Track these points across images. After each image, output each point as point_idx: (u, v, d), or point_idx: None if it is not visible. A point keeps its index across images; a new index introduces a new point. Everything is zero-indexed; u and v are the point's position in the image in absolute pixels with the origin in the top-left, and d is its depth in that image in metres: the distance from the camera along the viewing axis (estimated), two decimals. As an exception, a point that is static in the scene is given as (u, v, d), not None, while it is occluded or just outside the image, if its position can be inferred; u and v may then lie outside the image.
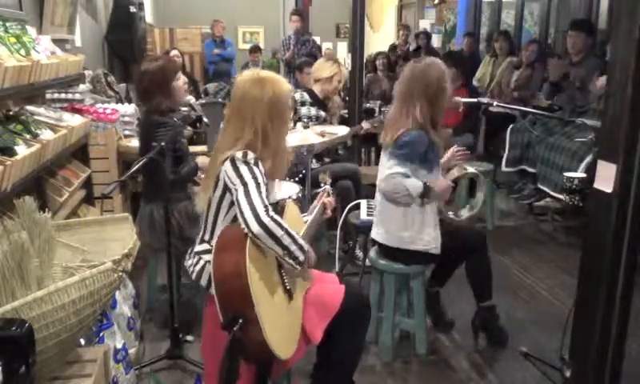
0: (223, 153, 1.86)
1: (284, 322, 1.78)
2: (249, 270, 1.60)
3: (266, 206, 1.70)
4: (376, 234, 2.66)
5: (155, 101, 2.80)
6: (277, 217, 1.70)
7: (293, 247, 1.73)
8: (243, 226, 1.68)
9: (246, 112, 1.87)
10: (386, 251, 2.63)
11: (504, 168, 4.98)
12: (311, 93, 3.94)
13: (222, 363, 1.53)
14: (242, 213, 1.69)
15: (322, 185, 2.30)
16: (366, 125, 3.91)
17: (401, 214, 2.52)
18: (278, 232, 1.68)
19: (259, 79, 1.90)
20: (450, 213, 2.67)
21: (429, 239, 2.53)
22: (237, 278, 1.60)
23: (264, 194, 1.74)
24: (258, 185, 1.75)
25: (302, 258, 1.76)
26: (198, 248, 1.97)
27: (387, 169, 2.47)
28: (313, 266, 1.96)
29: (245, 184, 1.75)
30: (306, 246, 1.79)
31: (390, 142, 2.52)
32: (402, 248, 2.56)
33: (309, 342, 1.91)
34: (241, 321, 1.56)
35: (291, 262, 1.75)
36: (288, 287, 1.82)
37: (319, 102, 3.94)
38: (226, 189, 1.84)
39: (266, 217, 1.67)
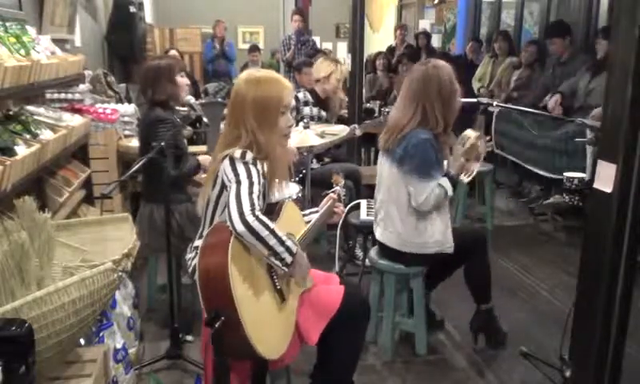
0: (223, 151, 1.86)
1: (272, 322, 1.76)
2: (230, 268, 1.60)
3: (252, 205, 1.68)
4: (381, 235, 2.63)
5: (161, 88, 2.82)
6: (263, 217, 1.69)
7: (279, 248, 1.71)
8: (228, 223, 1.67)
9: (237, 112, 1.88)
10: (390, 252, 2.61)
11: (495, 150, 5.04)
12: (313, 93, 3.94)
13: (205, 361, 1.53)
14: (229, 211, 1.69)
15: (335, 186, 2.23)
16: (358, 132, 3.90)
17: (414, 223, 2.50)
18: (263, 232, 1.67)
19: (249, 79, 1.90)
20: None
21: (441, 239, 2.51)
22: (218, 276, 1.60)
23: (255, 194, 1.73)
24: (251, 184, 1.74)
25: (288, 259, 1.74)
26: (196, 243, 1.98)
27: (423, 189, 2.42)
28: (305, 272, 1.91)
29: (238, 183, 1.75)
30: (295, 248, 1.76)
31: (393, 143, 2.49)
32: (412, 252, 2.54)
33: (304, 342, 1.91)
34: (223, 318, 1.56)
35: (277, 263, 1.73)
36: (279, 287, 1.81)
37: (321, 102, 3.95)
38: (224, 186, 1.85)
39: (251, 216, 1.66)
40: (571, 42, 5.00)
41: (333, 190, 2.22)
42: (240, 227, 1.65)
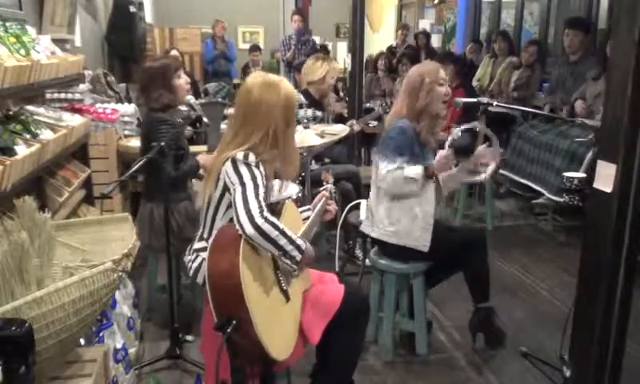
0: (226, 153, 1.86)
1: (280, 323, 1.77)
2: (242, 270, 1.59)
3: (261, 208, 1.69)
4: (364, 225, 2.73)
5: (156, 95, 2.79)
6: (272, 218, 1.70)
7: (289, 247, 1.72)
8: (237, 227, 1.67)
9: (262, 116, 1.86)
10: (378, 244, 2.68)
11: (501, 171, 5.01)
12: (306, 94, 3.93)
13: (217, 365, 1.53)
14: (237, 214, 1.69)
15: (325, 183, 2.28)
16: (356, 127, 3.90)
17: (386, 210, 2.58)
18: (273, 233, 1.68)
19: (273, 83, 1.90)
20: (476, 178, 2.75)
21: (417, 235, 2.55)
22: (230, 279, 1.59)
23: (261, 196, 1.74)
24: (256, 186, 1.75)
25: (298, 257, 1.75)
26: (196, 245, 1.98)
27: (383, 168, 2.52)
28: (312, 263, 1.94)
29: (243, 185, 1.75)
30: (304, 245, 1.78)
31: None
32: (388, 242, 2.59)
33: (307, 342, 1.91)
34: (234, 322, 1.56)
35: (287, 261, 1.75)
36: (284, 288, 1.82)
37: (315, 103, 3.94)
38: (226, 188, 1.85)
39: (260, 218, 1.67)
40: (586, 42, 4.84)
41: (324, 187, 2.24)
42: (250, 230, 1.65)
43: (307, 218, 2.10)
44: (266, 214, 1.69)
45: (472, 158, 2.72)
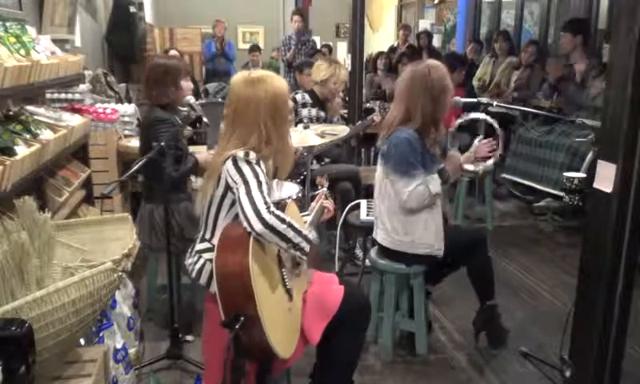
0: (226, 152, 1.86)
1: (284, 322, 1.78)
2: (252, 268, 1.60)
3: (267, 203, 1.70)
4: (377, 235, 2.67)
5: (162, 91, 2.82)
6: (278, 212, 1.71)
7: (297, 239, 1.74)
8: (245, 224, 1.67)
9: (251, 114, 1.86)
10: (387, 252, 2.63)
11: (503, 174, 5.04)
12: (312, 94, 3.93)
13: (225, 362, 1.54)
14: (243, 212, 1.69)
15: (319, 187, 2.31)
16: (377, 118, 3.91)
17: (401, 221, 2.53)
18: (281, 227, 1.69)
19: (256, 80, 1.89)
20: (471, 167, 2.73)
21: (431, 242, 2.53)
22: (239, 277, 1.60)
23: (266, 192, 1.74)
24: (259, 183, 1.75)
25: (307, 248, 1.78)
26: (198, 246, 1.97)
27: (404, 188, 2.43)
28: (315, 252, 1.96)
29: (246, 182, 1.75)
30: (311, 235, 1.80)
31: (382, 142, 2.55)
32: (403, 251, 2.56)
33: (307, 342, 1.91)
34: (242, 319, 1.56)
35: (297, 253, 1.77)
36: (288, 287, 1.82)
37: (320, 103, 3.94)
38: (228, 188, 1.84)
39: (268, 213, 1.67)
40: (583, 43, 4.87)
41: (318, 191, 2.28)
42: (259, 227, 1.66)
43: (306, 222, 2.11)
44: (273, 208, 1.70)
45: (472, 149, 2.72)
